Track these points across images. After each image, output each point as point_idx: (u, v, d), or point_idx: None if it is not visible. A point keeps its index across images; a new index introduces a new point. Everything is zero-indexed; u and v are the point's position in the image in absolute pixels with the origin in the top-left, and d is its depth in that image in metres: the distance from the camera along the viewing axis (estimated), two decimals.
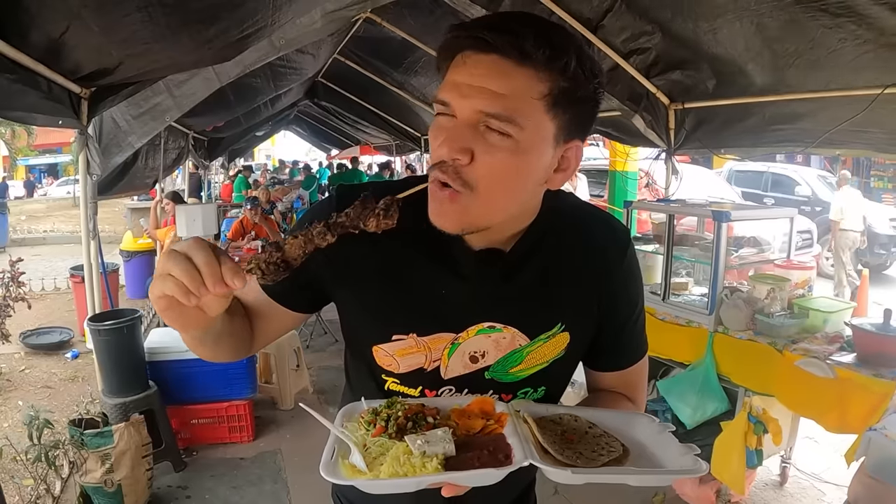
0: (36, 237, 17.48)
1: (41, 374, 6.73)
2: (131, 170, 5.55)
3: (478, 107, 1.03)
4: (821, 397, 3.47)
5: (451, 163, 1.05)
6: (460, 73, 1.04)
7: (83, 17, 2.63)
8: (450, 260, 1.22)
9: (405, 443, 1.05)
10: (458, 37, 1.05)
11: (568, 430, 1.14)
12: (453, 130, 1.04)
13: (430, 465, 1.00)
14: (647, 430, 1.19)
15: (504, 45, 1.01)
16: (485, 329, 1.25)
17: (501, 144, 1.03)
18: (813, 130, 4.00)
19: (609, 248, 1.33)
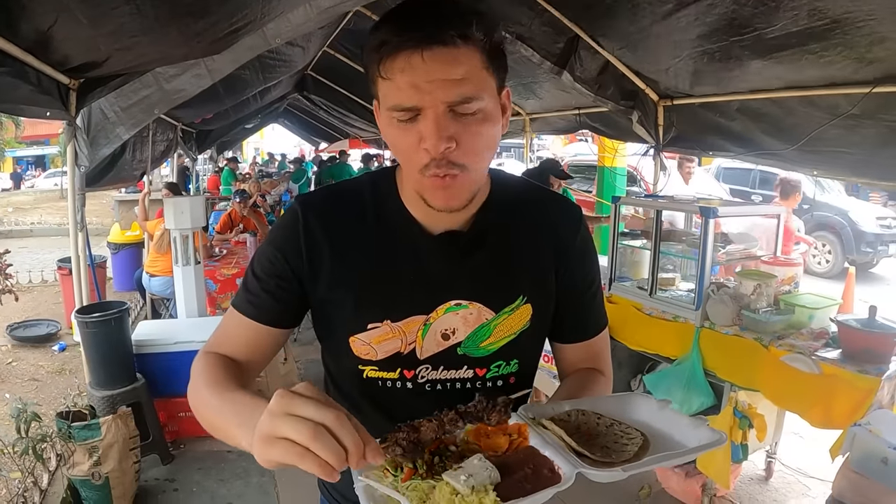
0: (23, 229, 17.39)
1: (28, 367, 6.71)
2: (119, 162, 5.51)
3: (445, 99, 1.09)
4: (806, 393, 3.49)
5: (441, 157, 1.11)
6: (416, 72, 1.08)
7: (72, 8, 2.61)
8: (413, 247, 1.32)
9: (444, 481, 1.00)
10: (398, 38, 1.09)
11: (582, 426, 1.17)
12: (433, 126, 1.09)
13: (487, 499, 0.97)
14: (648, 409, 1.24)
15: (448, 36, 1.08)
16: (452, 307, 1.33)
17: (473, 120, 1.13)
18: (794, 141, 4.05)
19: (561, 223, 1.44)
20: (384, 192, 1.35)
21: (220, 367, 1.26)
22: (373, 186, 1.38)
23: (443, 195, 1.17)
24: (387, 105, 1.14)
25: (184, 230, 5.65)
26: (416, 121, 1.11)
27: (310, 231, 1.31)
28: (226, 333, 1.37)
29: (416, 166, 1.15)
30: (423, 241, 1.32)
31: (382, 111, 1.18)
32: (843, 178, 4.10)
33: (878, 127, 3.50)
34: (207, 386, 1.20)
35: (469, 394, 1.35)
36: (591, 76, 4.81)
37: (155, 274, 6.94)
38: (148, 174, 7.34)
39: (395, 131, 1.15)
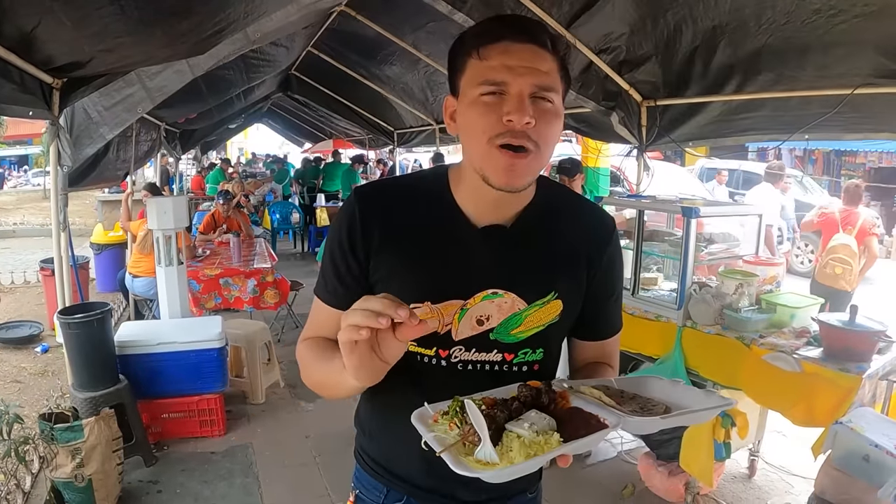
0: (5, 230, 17.23)
1: (10, 369, 6.65)
2: (102, 161, 5.49)
3: (533, 81, 1.25)
4: (788, 391, 3.52)
5: (522, 128, 1.24)
6: (510, 57, 1.26)
7: (55, 10, 2.60)
8: (459, 237, 1.44)
9: (511, 432, 1.13)
10: (502, 30, 1.28)
11: (613, 396, 1.27)
12: (519, 102, 1.24)
13: (552, 440, 1.10)
14: (661, 387, 1.37)
15: (540, 37, 1.29)
16: (489, 295, 1.43)
17: (549, 109, 1.28)
18: (780, 118, 4.08)
19: (597, 230, 1.56)
20: (437, 186, 1.47)
21: (318, 345, 1.47)
22: (425, 181, 1.52)
23: (507, 173, 1.28)
24: (475, 81, 1.28)
25: (166, 230, 5.63)
26: (500, 99, 1.26)
27: (365, 217, 1.44)
28: (315, 320, 1.56)
29: (488, 136, 1.27)
30: (469, 232, 1.43)
31: (466, 92, 1.31)
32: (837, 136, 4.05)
33: None
34: (315, 361, 1.44)
35: (496, 375, 1.47)
36: (573, 75, 4.82)
37: (138, 275, 6.91)
38: (131, 174, 7.32)
39: (477, 109, 1.28)
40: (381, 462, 1.63)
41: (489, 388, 1.30)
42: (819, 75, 3.68)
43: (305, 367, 1.48)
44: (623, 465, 4.76)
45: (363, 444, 1.68)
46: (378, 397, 1.58)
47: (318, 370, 1.41)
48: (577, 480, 4.53)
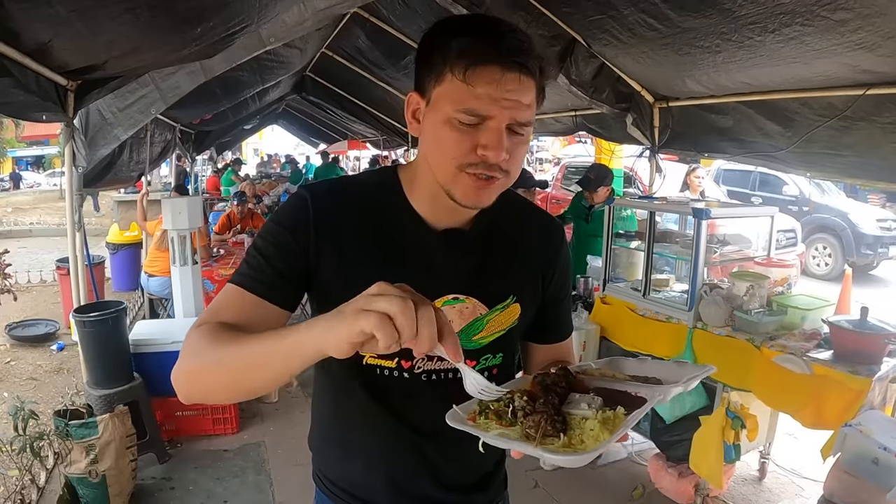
0: (22, 229, 17.39)
1: (26, 366, 6.73)
2: (117, 162, 5.54)
3: (514, 117, 1.20)
4: (797, 393, 3.51)
5: (496, 164, 1.22)
6: (498, 88, 1.17)
7: (71, 21, 2.63)
8: (417, 242, 1.40)
9: (574, 416, 1.11)
10: (495, 52, 1.17)
11: (606, 375, 1.32)
12: (498, 138, 1.20)
13: (619, 413, 1.10)
14: (631, 365, 1.39)
15: (532, 67, 1.20)
16: (450, 300, 1.41)
17: (521, 140, 1.25)
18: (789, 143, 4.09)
19: (549, 234, 1.59)
20: (389, 190, 1.42)
21: (224, 327, 1.21)
22: (376, 183, 1.46)
23: (477, 194, 1.26)
24: (456, 106, 1.20)
25: (181, 230, 5.67)
26: (476, 128, 1.21)
27: (318, 216, 1.36)
28: (222, 306, 1.31)
29: (456, 163, 1.23)
30: (427, 237, 1.40)
31: (440, 109, 1.23)
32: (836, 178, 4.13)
33: (870, 129, 3.53)
34: (216, 340, 1.16)
35: (460, 382, 1.34)
36: (586, 79, 4.84)
37: (153, 274, 6.95)
38: (146, 175, 7.37)
39: (450, 131, 1.22)
40: (343, 487, 1.55)
41: (453, 397, 1.21)
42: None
43: (201, 349, 1.17)
44: (633, 466, 4.75)
45: (321, 467, 1.61)
46: (336, 416, 1.55)
47: (229, 355, 1.12)
48: (587, 482, 4.53)
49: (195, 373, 1.19)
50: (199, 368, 1.18)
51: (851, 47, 3.21)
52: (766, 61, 3.76)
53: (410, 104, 1.31)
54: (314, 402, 1.63)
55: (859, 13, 2.94)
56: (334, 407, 1.51)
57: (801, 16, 3.18)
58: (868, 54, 3.20)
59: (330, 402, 1.54)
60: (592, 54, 4.76)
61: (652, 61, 4.51)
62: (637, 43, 4.34)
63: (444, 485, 1.51)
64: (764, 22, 3.39)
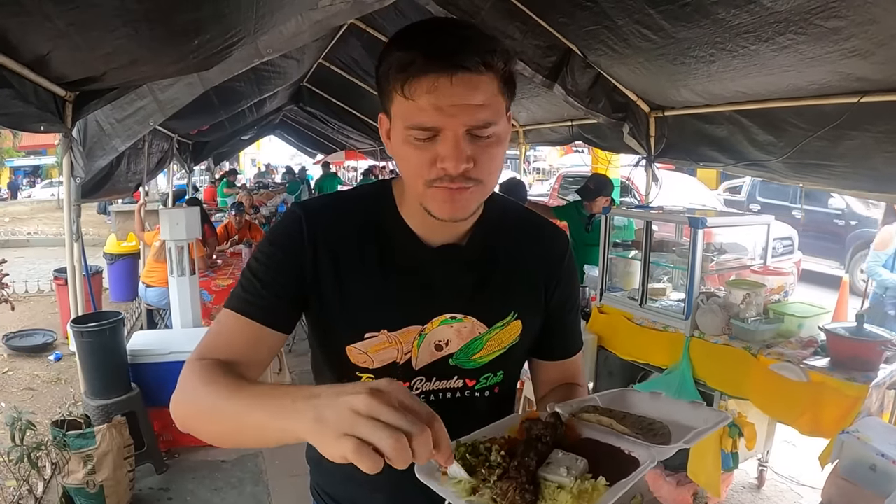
0: (20, 239, 17.35)
1: (24, 377, 6.72)
2: (115, 173, 5.55)
3: (466, 122, 1.12)
4: (794, 401, 3.52)
5: (459, 174, 1.15)
6: (440, 96, 1.10)
7: (70, 34, 2.64)
8: (412, 259, 1.35)
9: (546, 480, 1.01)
10: (426, 61, 1.10)
11: (614, 417, 1.17)
12: (453, 148, 1.13)
13: (599, 485, 0.99)
14: (642, 400, 1.30)
15: (473, 63, 1.11)
16: (447, 320, 1.36)
17: (490, 143, 1.17)
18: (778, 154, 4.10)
19: (552, 246, 1.51)
20: (383, 205, 1.37)
21: (221, 369, 1.17)
22: (371, 198, 1.41)
23: (450, 206, 1.20)
24: (406, 123, 1.15)
25: (179, 241, 5.68)
26: (433, 141, 1.14)
27: (312, 235, 1.32)
28: (220, 336, 1.29)
29: (422, 180, 1.18)
30: (423, 253, 1.35)
31: (397, 128, 1.18)
32: (828, 188, 4.14)
33: (863, 138, 3.54)
34: (211, 385, 1.12)
35: (459, 402, 1.41)
36: (582, 89, 4.87)
37: (151, 284, 6.96)
38: (144, 185, 7.38)
39: (409, 149, 1.17)
40: (340, 501, 1.54)
41: (453, 417, 1.06)
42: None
43: (193, 395, 1.16)
44: None
45: (319, 482, 1.59)
46: None
47: (220, 407, 1.09)
48: None
49: (191, 417, 1.17)
50: (195, 414, 1.17)
51: (845, 55, 3.22)
52: (759, 70, 3.77)
53: (382, 125, 1.27)
54: None
55: (853, 21, 2.95)
56: None
57: (794, 24, 3.19)
58: (862, 62, 3.22)
59: None
60: (588, 65, 4.79)
61: (647, 71, 4.53)
62: (632, 53, 4.37)
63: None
64: (758, 31, 3.40)
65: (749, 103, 4.23)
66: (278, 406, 0.96)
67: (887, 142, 3.43)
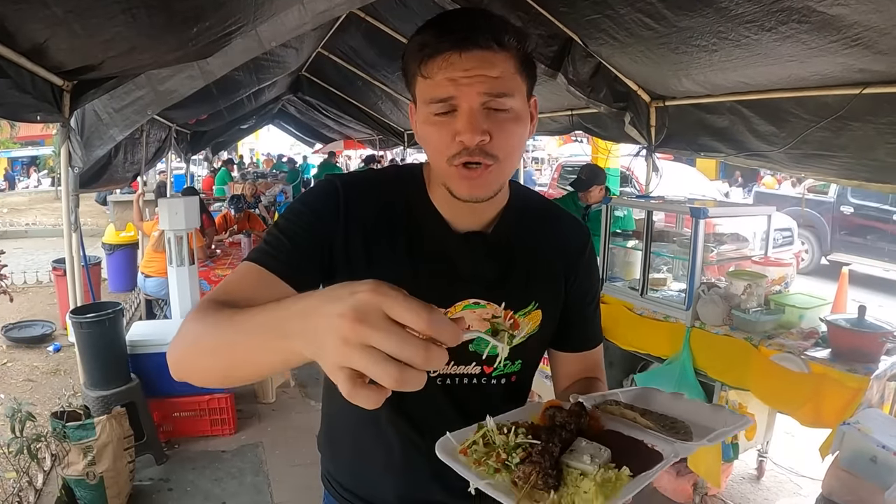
0: (18, 230, 17.30)
1: (23, 368, 6.71)
2: (113, 162, 5.53)
3: (481, 90, 1.15)
4: (795, 392, 3.52)
5: (475, 147, 1.17)
6: (453, 70, 1.15)
7: (68, 21, 2.62)
8: (439, 243, 1.37)
9: (572, 470, 1.00)
10: (438, 40, 1.16)
11: (641, 413, 1.17)
12: (469, 119, 1.16)
13: (622, 475, 0.98)
14: (664, 400, 1.30)
15: (485, 40, 1.15)
16: (470, 305, 1.37)
17: (507, 117, 1.19)
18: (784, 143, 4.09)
19: (573, 238, 1.53)
20: (413, 187, 1.40)
21: (219, 304, 1.06)
22: (402, 180, 1.42)
23: (469, 184, 1.21)
24: (425, 100, 1.20)
25: (178, 231, 5.65)
26: (451, 116, 1.18)
27: (348, 205, 1.34)
28: (230, 282, 1.21)
29: (446, 156, 1.20)
30: (448, 238, 1.37)
31: (420, 109, 1.23)
32: (830, 179, 4.14)
33: (865, 129, 3.53)
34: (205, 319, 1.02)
35: (476, 388, 1.42)
36: (583, 79, 4.84)
37: (150, 274, 6.93)
38: (142, 175, 7.36)
39: (430, 127, 1.21)
40: (352, 489, 1.54)
41: (469, 402, 1.21)
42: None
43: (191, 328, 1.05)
44: None
45: (330, 469, 1.60)
46: (346, 418, 1.51)
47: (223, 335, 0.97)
48: None
49: (183, 357, 1.08)
50: (187, 352, 1.07)
51: (848, 45, 3.20)
52: (762, 60, 3.76)
53: (411, 114, 1.31)
54: (323, 403, 1.61)
55: (856, 9, 2.94)
56: (343, 409, 1.46)
57: (797, 13, 3.17)
58: (864, 51, 3.20)
59: (338, 404, 1.48)
60: (589, 54, 4.76)
61: (648, 60, 4.51)
62: (633, 42, 4.34)
63: (452, 491, 1.45)
64: (760, 20, 3.38)
65: (751, 93, 4.22)
66: (269, 333, 0.85)
67: (890, 133, 3.43)
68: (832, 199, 12.16)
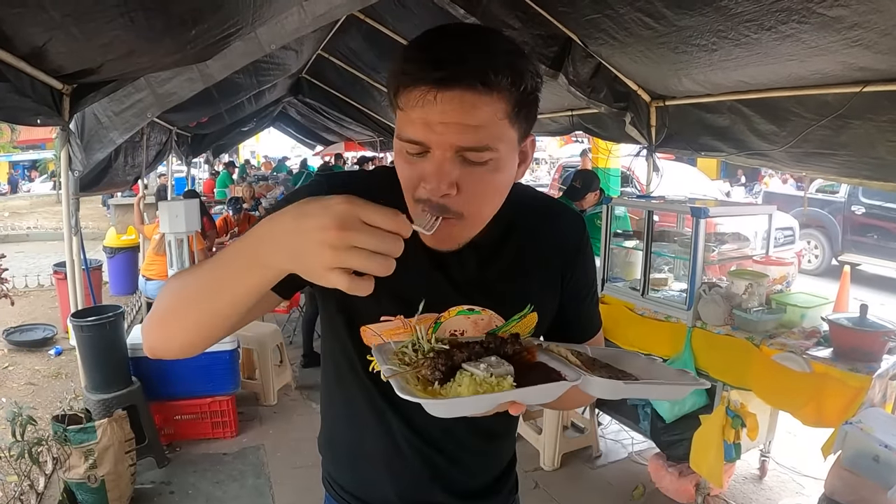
0: (19, 234, 17.32)
1: (24, 371, 6.71)
2: (113, 166, 5.53)
3: (455, 143, 1.06)
4: (797, 391, 3.51)
5: (438, 201, 1.10)
6: (430, 111, 1.04)
7: (66, 25, 2.62)
8: (430, 248, 1.28)
9: (465, 372, 1.04)
10: (419, 71, 1.04)
11: (583, 361, 1.16)
12: (436, 169, 1.08)
13: (505, 383, 1.01)
14: (638, 363, 1.27)
15: (469, 80, 1.03)
16: (464, 311, 1.34)
17: (483, 170, 1.09)
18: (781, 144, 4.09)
19: (568, 232, 1.47)
20: (401, 192, 1.27)
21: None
22: (392, 183, 1.27)
23: (432, 237, 1.09)
24: (398, 134, 1.12)
25: (178, 234, 5.66)
26: (423, 157, 1.09)
27: None
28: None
29: (412, 196, 1.15)
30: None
31: (396, 137, 1.14)
32: (830, 178, 4.14)
33: (866, 127, 3.53)
34: (175, 279, 1.11)
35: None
36: (584, 79, 4.84)
37: (151, 277, 6.94)
38: (143, 178, 7.36)
39: (401, 162, 1.14)
40: (352, 491, 1.53)
41: None
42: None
43: (164, 294, 1.13)
44: (633, 465, 4.75)
45: (331, 471, 1.59)
46: (344, 421, 1.51)
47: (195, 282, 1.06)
48: (588, 481, 4.53)
49: (158, 323, 1.15)
50: (164, 321, 1.14)
51: (848, 44, 3.20)
52: (762, 59, 3.76)
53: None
54: (322, 404, 1.60)
55: (856, 10, 2.94)
56: (342, 411, 1.46)
57: (797, 13, 3.17)
58: (865, 51, 3.20)
59: (337, 406, 1.50)
60: (589, 54, 4.76)
61: (648, 60, 4.51)
62: (633, 42, 4.34)
63: (453, 491, 1.48)
64: (760, 19, 3.38)
65: (751, 92, 4.22)
66: (247, 262, 0.95)
67: (891, 131, 3.43)
68: (843, 199, 12.03)
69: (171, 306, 1.12)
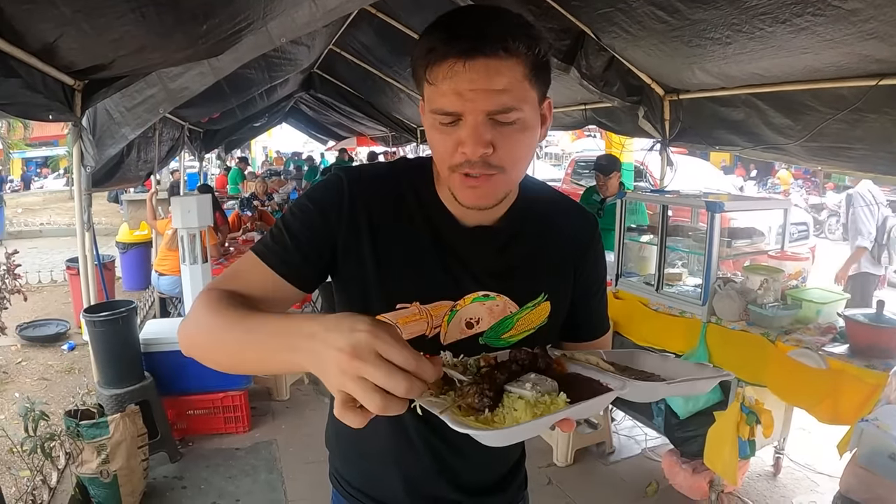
0: (32, 230, 17.43)
1: (37, 366, 6.75)
2: (125, 161, 5.54)
3: (485, 107, 1.12)
4: (813, 388, 3.47)
5: (478, 159, 1.16)
6: (459, 80, 1.12)
7: (77, 21, 2.62)
8: (448, 237, 1.36)
9: (512, 394, 1.02)
10: (445, 47, 1.12)
11: (616, 366, 1.18)
12: (472, 132, 1.14)
13: (558, 400, 1.00)
14: (652, 361, 1.27)
15: (492, 48, 1.10)
16: (479, 297, 1.38)
17: (513, 129, 1.16)
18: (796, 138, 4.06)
19: (581, 229, 1.52)
20: (422, 181, 1.38)
21: (232, 299, 1.16)
22: (410, 174, 1.41)
23: (473, 193, 1.21)
24: (430, 108, 1.18)
25: (191, 229, 5.65)
26: (456, 125, 1.15)
27: (353, 199, 1.33)
28: (238, 273, 1.31)
29: (447, 165, 1.20)
30: (457, 232, 1.36)
31: (426, 113, 1.21)
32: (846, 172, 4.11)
33: (882, 120, 3.49)
34: (219, 314, 1.11)
35: None
36: (596, 73, 4.82)
37: (164, 272, 6.95)
38: (155, 174, 7.37)
39: (436, 134, 1.20)
40: (360, 487, 1.55)
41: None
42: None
43: (205, 319, 1.14)
44: (647, 462, 4.73)
45: (338, 467, 1.61)
46: None
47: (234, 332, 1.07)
48: (601, 478, 4.52)
49: (196, 344, 1.17)
50: (199, 342, 1.17)
51: (863, 37, 3.17)
52: (776, 52, 3.73)
53: (422, 111, 1.27)
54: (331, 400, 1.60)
55: (872, 2, 2.91)
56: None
57: (812, 5, 3.14)
58: (880, 44, 3.17)
59: None
60: (602, 47, 4.74)
61: (662, 53, 4.48)
62: (647, 35, 4.32)
63: (461, 486, 1.49)
64: (775, 12, 3.35)
65: (765, 86, 4.19)
66: (278, 344, 0.97)
67: None
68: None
69: (206, 344, 1.16)
